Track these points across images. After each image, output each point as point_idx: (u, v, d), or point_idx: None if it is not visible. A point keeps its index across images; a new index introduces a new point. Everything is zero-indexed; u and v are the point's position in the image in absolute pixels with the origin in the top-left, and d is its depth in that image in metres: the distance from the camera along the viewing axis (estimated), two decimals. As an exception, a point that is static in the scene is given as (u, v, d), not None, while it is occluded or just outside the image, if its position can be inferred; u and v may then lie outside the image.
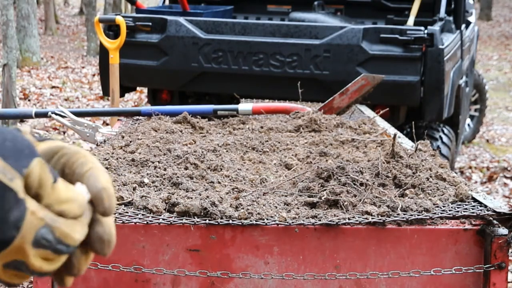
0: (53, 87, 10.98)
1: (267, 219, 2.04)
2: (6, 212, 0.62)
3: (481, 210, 2.11)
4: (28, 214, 0.63)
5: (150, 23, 5.04)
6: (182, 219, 2.03)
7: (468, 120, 7.98)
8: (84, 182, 0.70)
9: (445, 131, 5.26)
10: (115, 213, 2.08)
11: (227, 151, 2.78)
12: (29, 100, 9.58)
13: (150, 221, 2.02)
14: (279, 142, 2.95)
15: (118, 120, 3.77)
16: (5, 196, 0.62)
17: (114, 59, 4.29)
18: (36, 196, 0.65)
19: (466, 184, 2.31)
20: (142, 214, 2.07)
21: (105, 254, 0.71)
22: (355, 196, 2.14)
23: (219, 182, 2.36)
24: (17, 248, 0.64)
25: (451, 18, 5.56)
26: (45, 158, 0.70)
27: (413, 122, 4.04)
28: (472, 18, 7.01)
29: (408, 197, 2.19)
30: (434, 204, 2.14)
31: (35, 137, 0.72)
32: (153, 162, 2.50)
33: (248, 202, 2.14)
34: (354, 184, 2.17)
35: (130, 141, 2.83)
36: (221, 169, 2.50)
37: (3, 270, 0.66)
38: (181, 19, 5.01)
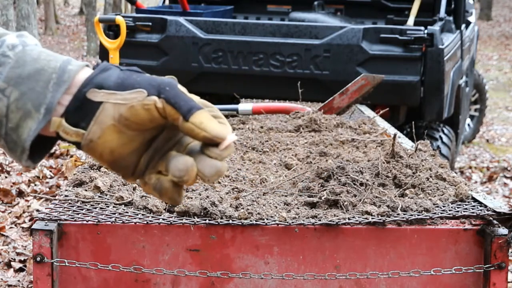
0: (53, 87, 10.96)
1: (267, 219, 2.04)
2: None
3: (481, 210, 2.11)
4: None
5: (150, 23, 5.04)
6: (182, 219, 2.03)
7: (468, 120, 7.98)
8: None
9: (445, 131, 5.26)
10: (114, 213, 2.08)
11: (227, 151, 2.78)
12: (29, 100, 9.57)
13: (150, 221, 2.02)
14: (279, 142, 2.95)
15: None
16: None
17: (114, 59, 4.29)
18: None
19: (466, 184, 2.31)
20: (142, 214, 2.07)
21: (211, 181, 0.83)
22: (355, 196, 2.14)
23: (219, 182, 2.36)
24: None
25: (451, 18, 5.56)
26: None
27: (413, 122, 4.04)
28: (472, 18, 7.01)
29: (408, 197, 2.19)
30: (434, 204, 2.14)
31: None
32: (153, 162, 2.50)
33: (248, 202, 2.14)
34: (354, 184, 2.17)
35: (130, 141, 2.83)
36: (221, 169, 2.50)
37: None
38: (181, 19, 5.01)
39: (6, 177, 5.59)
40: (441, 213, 2.10)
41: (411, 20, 5.30)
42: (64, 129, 0.82)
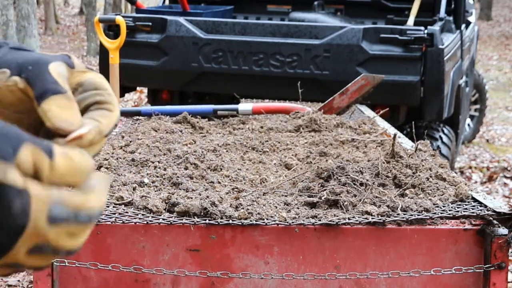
0: (53, 87, 10.97)
1: (267, 219, 2.04)
2: (7, 203, 0.61)
3: (481, 210, 2.11)
4: (33, 198, 0.62)
5: (150, 23, 5.04)
6: (182, 219, 2.03)
7: (468, 120, 7.98)
8: (94, 119, 0.74)
9: (445, 131, 5.26)
10: (114, 213, 2.08)
11: (227, 151, 2.78)
12: (29, 100, 9.58)
13: (150, 221, 2.02)
14: (279, 142, 2.95)
15: (118, 120, 3.76)
16: (4, 192, 0.61)
17: (114, 59, 4.29)
18: (36, 179, 0.64)
19: (466, 184, 2.31)
20: (142, 214, 2.07)
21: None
22: (355, 196, 2.14)
23: (219, 182, 2.36)
24: (34, 232, 0.63)
25: (451, 18, 5.56)
26: (86, 87, 0.75)
27: (413, 122, 4.04)
28: (472, 18, 7.01)
29: (408, 197, 2.19)
30: (434, 204, 2.14)
31: (84, 67, 0.76)
32: (153, 162, 2.50)
33: (248, 202, 2.14)
34: (354, 184, 2.17)
35: (130, 141, 2.83)
36: (221, 169, 2.50)
37: (28, 256, 0.65)
38: (181, 19, 5.01)
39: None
40: (441, 213, 2.10)
41: (411, 20, 5.30)
42: None
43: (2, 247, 0.63)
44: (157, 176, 2.36)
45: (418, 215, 2.06)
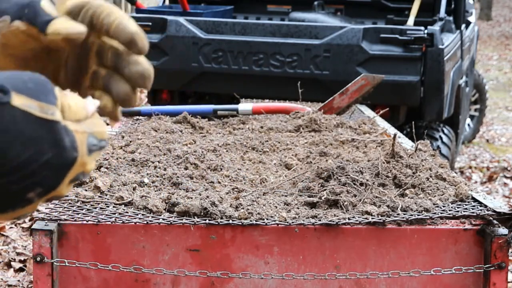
0: (53, 87, 10.97)
1: (267, 219, 2.04)
2: (61, 141, 0.70)
3: (481, 210, 2.11)
4: (76, 134, 0.71)
5: (150, 23, 5.04)
6: (182, 219, 2.03)
7: (468, 120, 7.98)
8: (113, 30, 0.79)
9: (445, 131, 5.26)
10: (114, 213, 2.08)
11: (227, 151, 2.78)
12: (29, 100, 9.58)
13: (150, 221, 2.02)
14: (279, 142, 2.95)
15: (118, 120, 3.76)
16: (55, 128, 0.70)
17: (114, 59, 4.28)
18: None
19: (466, 184, 2.31)
20: (142, 214, 2.07)
21: (147, 87, 0.82)
22: (355, 196, 2.14)
23: (219, 182, 2.36)
24: (81, 164, 0.72)
25: (451, 18, 5.56)
26: (73, 13, 0.81)
27: (413, 122, 4.04)
28: (472, 18, 7.01)
29: (408, 197, 2.19)
30: (434, 204, 2.14)
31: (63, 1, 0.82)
32: (153, 162, 2.50)
33: (248, 202, 2.14)
34: (354, 184, 2.17)
35: (130, 141, 2.83)
36: (221, 169, 2.50)
37: (67, 187, 0.74)
38: (181, 19, 5.01)
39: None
40: (441, 213, 2.10)
41: (411, 20, 5.30)
42: None
43: (54, 181, 0.71)
44: (157, 176, 2.36)
45: (418, 215, 2.06)
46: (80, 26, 0.80)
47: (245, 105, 3.62)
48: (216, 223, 2.01)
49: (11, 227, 4.61)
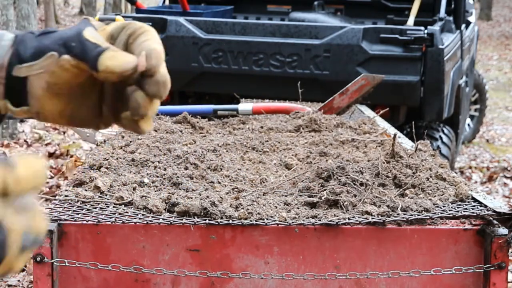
0: (53, 87, 10.97)
1: (267, 219, 2.04)
2: None
3: (481, 210, 2.11)
4: (9, 232, 0.65)
5: (150, 23, 5.03)
6: (182, 219, 2.03)
7: (468, 120, 7.98)
8: (138, 47, 0.81)
9: (445, 131, 5.26)
10: (114, 213, 2.08)
11: (227, 151, 2.78)
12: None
13: (150, 221, 2.02)
14: (279, 142, 2.95)
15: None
16: None
17: (114, 59, 4.28)
18: (4, 195, 0.66)
19: (466, 184, 2.31)
20: (142, 214, 2.07)
21: (162, 96, 0.83)
22: (355, 196, 2.14)
23: (219, 182, 2.36)
24: (7, 264, 0.66)
25: (451, 18, 5.56)
26: (115, 33, 0.82)
27: (413, 122, 4.04)
28: (472, 18, 7.01)
29: (408, 197, 2.19)
30: (434, 204, 2.14)
31: (103, 23, 0.83)
32: (153, 162, 2.50)
33: (248, 202, 2.14)
34: (354, 184, 2.17)
35: (130, 141, 2.83)
36: (221, 169, 2.50)
37: None
38: (181, 19, 5.01)
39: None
40: (441, 213, 2.10)
41: (411, 20, 5.30)
42: (11, 110, 0.84)
43: None
44: (157, 176, 2.36)
45: (418, 215, 2.06)
46: (132, 60, 0.80)
47: (245, 105, 3.62)
48: (216, 223, 2.01)
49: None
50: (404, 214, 2.07)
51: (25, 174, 0.66)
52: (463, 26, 6.01)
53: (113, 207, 2.13)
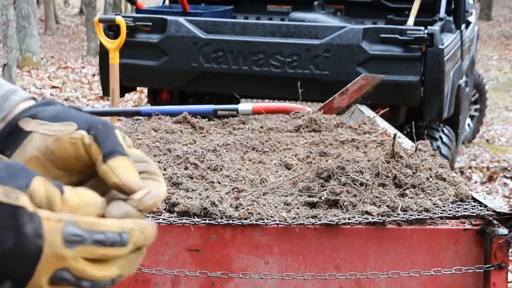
0: (53, 87, 10.99)
1: (267, 219, 2.04)
2: (21, 227, 0.63)
3: (481, 210, 2.11)
4: (44, 221, 0.64)
5: (150, 23, 5.05)
6: (182, 219, 2.03)
7: (468, 120, 7.98)
8: (149, 182, 0.77)
9: (445, 131, 5.26)
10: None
11: (227, 151, 2.78)
12: (29, 100, 9.56)
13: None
14: (279, 142, 2.95)
15: (118, 120, 3.77)
16: (16, 214, 0.63)
17: (114, 59, 4.29)
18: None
19: (466, 184, 2.31)
20: (142, 214, 2.06)
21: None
22: (355, 196, 2.14)
23: (219, 182, 2.36)
24: (52, 255, 0.65)
25: (451, 18, 5.56)
26: (136, 159, 0.78)
27: (413, 122, 4.04)
28: (472, 18, 7.01)
29: (408, 197, 2.19)
30: (434, 204, 2.14)
31: (129, 143, 0.78)
32: (153, 162, 2.50)
33: (248, 202, 2.14)
34: (354, 184, 2.17)
35: (130, 141, 2.83)
36: (221, 169, 2.50)
37: (49, 285, 0.65)
38: (181, 19, 5.01)
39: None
40: (441, 213, 2.10)
41: (411, 20, 5.31)
42: None
43: (22, 273, 0.63)
44: (157, 176, 2.35)
45: (418, 215, 2.06)
46: (140, 184, 0.75)
47: (245, 105, 3.62)
48: (216, 223, 2.01)
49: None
50: (404, 214, 2.07)
51: (73, 199, 0.67)
52: (463, 26, 6.01)
53: (113, 207, 2.12)
